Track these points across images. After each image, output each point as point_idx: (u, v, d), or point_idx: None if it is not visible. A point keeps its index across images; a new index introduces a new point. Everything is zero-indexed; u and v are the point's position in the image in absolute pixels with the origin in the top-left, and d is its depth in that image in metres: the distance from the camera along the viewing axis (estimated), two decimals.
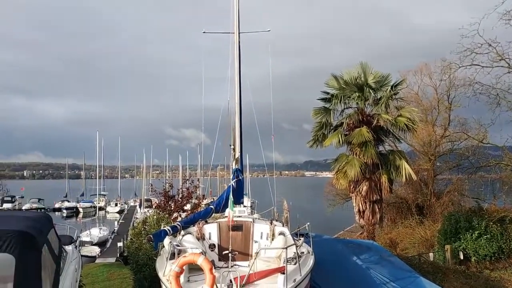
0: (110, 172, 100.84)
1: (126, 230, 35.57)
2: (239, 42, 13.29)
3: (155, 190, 21.97)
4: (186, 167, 77.65)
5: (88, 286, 11.73)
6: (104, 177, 72.68)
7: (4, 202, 52.53)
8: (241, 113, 12.64)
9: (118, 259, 22.35)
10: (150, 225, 12.72)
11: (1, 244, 4.54)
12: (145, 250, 10.99)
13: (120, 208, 63.07)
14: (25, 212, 8.20)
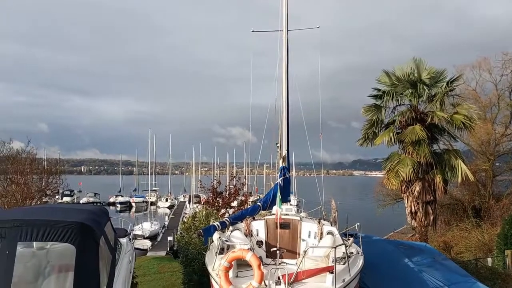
0: (161, 168, 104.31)
1: (176, 225, 36.69)
2: (288, 40, 13.24)
3: (203, 187, 22.48)
4: (233, 165, 78.78)
5: (140, 278, 12.20)
6: (155, 173, 75.19)
7: (64, 196, 55.79)
8: (288, 111, 12.60)
9: (168, 253, 23.13)
10: (199, 220, 13.01)
11: (64, 235, 4.81)
12: (195, 244, 11.24)
13: (170, 203, 65.08)
14: (84, 206, 8.66)
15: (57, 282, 5.10)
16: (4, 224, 4.64)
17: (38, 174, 17.64)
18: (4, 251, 4.49)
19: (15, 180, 15.89)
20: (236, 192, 20.20)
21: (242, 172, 67.77)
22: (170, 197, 70.70)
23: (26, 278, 5.04)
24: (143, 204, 64.40)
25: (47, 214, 5.54)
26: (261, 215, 10.85)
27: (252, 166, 70.21)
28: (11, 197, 15.44)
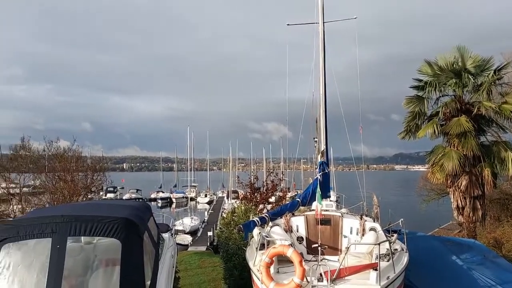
0: (199, 164, 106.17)
1: (215, 220, 37.17)
2: (324, 32, 12.99)
3: (241, 182, 22.57)
4: (269, 160, 78.85)
5: (182, 272, 12.44)
6: (194, 170, 76.56)
7: (107, 192, 57.92)
8: (326, 105, 12.38)
9: (209, 248, 23.44)
10: (238, 215, 13.07)
11: (110, 230, 4.94)
12: (235, 239, 11.30)
13: (209, 199, 66.01)
14: (128, 201, 8.89)
15: (104, 275, 5.25)
16: (55, 219, 4.82)
17: (83, 172, 18.35)
18: (55, 245, 4.67)
19: (62, 177, 16.60)
20: (274, 188, 20.13)
21: (279, 167, 67.65)
22: (209, 192, 71.70)
23: (75, 271, 5.22)
24: (183, 199, 65.76)
25: (94, 210, 5.72)
26: (300, 211, 10.76)
27: (289, 162, 70.02)
28: (59, 194, 16.15)
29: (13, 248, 4.83)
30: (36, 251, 4.93)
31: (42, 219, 4.93)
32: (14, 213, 16.05)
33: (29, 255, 4.92)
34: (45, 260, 4.68)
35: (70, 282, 4.97)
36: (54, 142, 18.52)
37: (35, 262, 4.88)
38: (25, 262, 4.88)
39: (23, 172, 17.50)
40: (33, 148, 18.48)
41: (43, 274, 4.64)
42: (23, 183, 17.67)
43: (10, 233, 4.79)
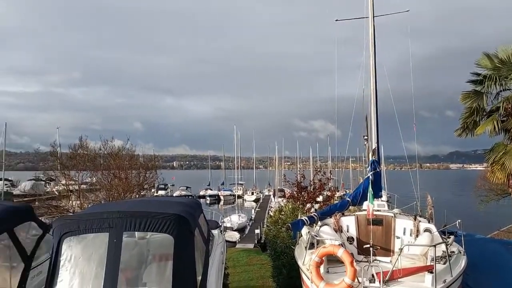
0: (245, 163, 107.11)
1: (262, 218, 37.29)
2: (374, 26, 12.62)
3: (287, 181, 22.44)
4: (316, 159, 77.94)
5: (230, 269, 12.57)
6: (240, 168, 77.36)
7: (159, 189, 59.93)
8: (377, 101, 12.02)
9: (256, 246, 23.55)
10: (286, 214, 13.02)
11: (162, 226, 5.07)
12: (283, 238, 11.26)
13: (256, 196, 66.31)
14: (179, 198, 9.12)
15: (157, 269, 5.42)
16: (112, 215, 5.02)
17: (136, 170, 19.07)
18: (112, 240, 4.87)
19: (117, 175, 17.35)
20: (322, 187, 19.85)
21: (326, 166, 66.75)
22: (256, 190, 72.14)
23: (131, 265, 5.43)
24: (230, 197, 66.65)
25: (148, 207, 5.91)
26: (350, 210, 10.54)
27: (336, 160, 68.92)
28: (114, 191, 16.90)
29: (74, 241, 5.09)
30: (95, 245, 5.17)
31: (100, 215, 5.16)
32: (73, 208, 16.97)
33: (88, 248, 5.17)
34: (103, 253, 4.89)
35: (126, 275, 5.16)
36: (109, 141, 19.44)
37: (94, 254, 5.12)
38: (85, 255, 5.13)
39: (81, 170, 18.46)
40: (90, 147, 19.49)
41: (101, 266, 4.85)
42: (81, 180, 18.65)
43: (71, 227, 5.05)
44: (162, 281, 5.17)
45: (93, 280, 4.91)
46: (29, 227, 6.62)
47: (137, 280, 5.29)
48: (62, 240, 5.01)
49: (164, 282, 5.11)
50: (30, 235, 6.58)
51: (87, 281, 4.94)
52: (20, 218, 6.33)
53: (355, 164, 66.83)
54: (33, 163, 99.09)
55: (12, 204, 8.01)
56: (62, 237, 5.01)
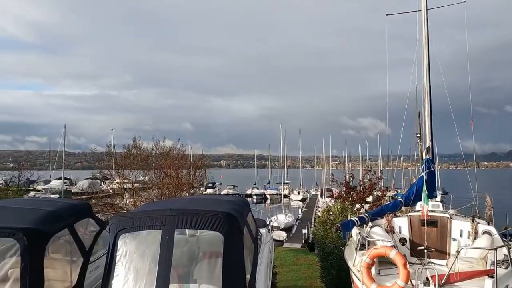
0: (291, 162, 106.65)
1: (309, 218, 36.98)
2: (427, 19, 12.10)
3: (335, 180, 22.06)
4: (365, 158, 76.15)
5: (278, 268, 12.53)
6: (286, 167, 77.11)
7: (207, 187, 61.13)
8: (430, 97, 11.52)
9: (304, 245, 23.37)
10: (334, 214, 12.80)
11: (212, 223, 5.14)
12: (331, 238, 11.09)
13: (302, 196, 65.86)
14: (228, 197, 9.23)
15: (208, 267, 5.50)
16: (164, 213, 5.16)
17: (186, 169, 19.57)
18: (165, 237, 5.00)
19: (169, 173, 17.90)
20: (372, 187, 19.32)
21: (376, 165, 65.03)
22: (302, 190, 71.66)
23: (182, 261, 5.55)
24: (277, 196, 66.59)
25: (198, 205, 6.02)
26: (402, 211, 10.19)
27: (387, 159, 66.86)
28: (165, 189, 17.44)
29: (129, 237, 5.28)
30: (148, 241, 5.33)
31: (153, 212, 5.32)
32: (126, 206, 17.71)
33: (142, 244, 5.35)
34: (156, 250, 5.03)
35: (177, 272, 5.29)
36: (161, 141, 20.11)
37: (147, 251, 5.29)
38: (139, 251, 5.31)
39: (135, 169, 19.22)
40: (143, 147, 20.26)
41: (154, 262, 5.00)
42: (134, 179, 19.44)
43: (126, 224, 5.25)
44: (212, 278, 5.24)
45: (147, 276, 5.07)
46: (87, 223, 6.95)
47: (188, 276, 5.40)
48: (118, 237, 5.21)
49: (214, 279, 5.17)
50: (88, 231, 6.91)
51: (141, 276, 5.11)
52: (79, 215, 6.66)
53: (406, 163, 64.58)
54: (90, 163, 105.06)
55: (72, 201, 8.46)
56: (118, 234, 5.21)
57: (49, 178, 57.24)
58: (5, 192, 19.47)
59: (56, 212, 5.95)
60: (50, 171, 62.21)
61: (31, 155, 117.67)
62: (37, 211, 5.81)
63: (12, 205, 6.59)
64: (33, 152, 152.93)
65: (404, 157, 63.23)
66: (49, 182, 55.23)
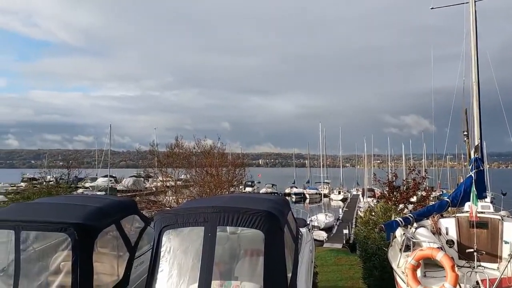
0: (331, 161, 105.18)
1: (350, 218, 36.40)
2: (476, 12, 11.56)
3: (378, 180, 21.53)
4: (409, 157, 73.81)
5: (318, 268, 12.44)
6: (326, 166, 76.15)
7: (246, 186, 61.61)
8: (479, 93, 10.98)
9: (345, 246, 23.03)
10: (377, 215, 12.50)
11: (253, 221, 5.16)
12: (374, 239, 10.85)
13: (343, 196, 64.88)
14: (268, 195, 9.23)
15: (249, 264, 5.53)
16: (207, 210, 5.24)
17: (226, 167, 19.79)
18: (207, 233, 5.08)
19: (209, 172, 18.17)
20: (416, 187, 18.69)
21: (420, 164, 62.86)
22: (343, 190, 70.55)
23: (223, 258, 5.62)
24: (316, 196, 65.99)
25: (239, 203, 6.06)
26: (449, 212, 9.80)
27: (431, 158, 64.47)
28: (206, 187, 17.72)
29: (172, 234, 5.41)
30: (191, 238, 5.44)
31: (196, 209, 5.41)
32: (169, 203, 18.14)
33: (185, 241, 5.46)
34: (199, 247, 5.12)
35: (219, 268, 5.36)
36: (202, 140, 20.49)
37: (190, 247, 5.39)
38: (182, 247, 5.43)
39: (177, 167, 19.67)
40: (185, 146, 20.70)
41: (197, 259, 5.08)
42: (176, 177, 19.89)
43: (170, 221, 5.38)
44: (253, 276, 5.27)
45: (190, 272, 5.17)
46: (133, 219, 7.18)
47: (229, 273, 5.46)
48: (162, 233, 5.34)
49: (256, 277, 5.20)
50: (134, 227, 7.13)
51: (184, 272, 5.22)
52: (126, 211, 6.89)
53: (453, 162, 61.98)
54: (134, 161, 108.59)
55: (118, 198, 8.78)
56: (162, 230, 5.35)
57: (96, 176, 59.69)
58: (56, 189, 20.52)
59: (104, 209, 6.20)
60: (97, 169, 64.92)
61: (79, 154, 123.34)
62: (86, 207, 6.07)
63: (63, 201, 6.93)
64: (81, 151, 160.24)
65: (450, 156, 60.75)
66: (96, 179, 57.64)
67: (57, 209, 6.08)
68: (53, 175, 27.03)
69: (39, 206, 6.45)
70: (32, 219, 5.48)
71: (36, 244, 5.66)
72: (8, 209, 6.73)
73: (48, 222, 5.39)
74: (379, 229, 8.64)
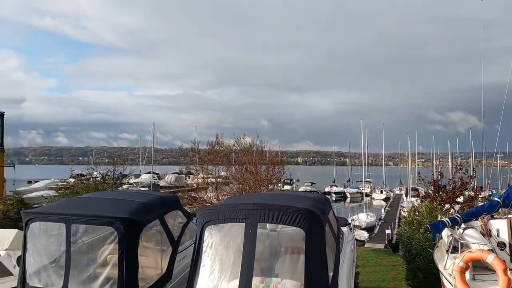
0: (373, 159, 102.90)
1: (393, 218, 35.53)
2: None
3: (422, 179, 20.85)
4: (455, 155, 70.79)
5: (360, 268, 12.23)
6: (368, 164, 74.58)
7: (284, 184, 61.52)
8: None
9: (387, 246, 22.54)
10: (422, 215, 12.09)
11: (294, 219, 5.13)
12: (418, 239, 10.52)
13: (385, 195, 63.40)
14: (309, 193, 9.17)
15: (290, 262, 5.51)
16: (248, 207, 5.27)
17: (265, 164, 19.86)
18: (248, 230, 5.10)
19: (249, 169, 18.31)
20: (463, 186, 17.92)
21: (467, 163, 60.08)
22: (385, 189, 68.84)
23: (264, 255, 5.63)
24: (357, 195, 64.85)
25: (280, 200, 6.05)
26: (500, 213, 9.29)
27: (480, 156, 61.46)
28: (246, 184, 17.87)
29: (214, 229, 5.48)
30: (232, 234, 5.48)
31: (237, 206, 5.45)
32: (210, 199, 18.46)
33: (226, 236, 5.51)
34: (240, 243, 5.15)
35: (260, 265, 5.37)
36: (242, 138, 20.68)
37: (232, 243, 5.44)
38: (223, 243, 5.48)
39: (217, 165, 19.97)
40: (225, 143, 20.98)
41: (238, 255, 5.12)
42: (217, 174, 20.20)
43: (212, 217, 5.45)
44: (294, 274, 5.24)
45: (232, 268, 5.22)
46: (176, 215, 7.34)
47: (270, 270, 5.46)
48: (204, 228, 5.42)
49: (296, 275, 5.17)
50: (177, 222, 7.29)
51: (226, 267, 5.28)
52: (169, 207, 7.06)
53: (504, 161, 58.91)
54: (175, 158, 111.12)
55: (162, 194, 9.02)
56: (204, 225, 5.42)
57: (139, 172, 61.76)
58: (103, 184, 21.42)
59: (148, 204, 6.38)
60: (140, 166, 67.11)
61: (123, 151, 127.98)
62: (132, 202, 6.28)
63: (110, 197, 7.21)
64: (125, 148, 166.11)
65: (501, 154, 57.74)
66: (139, 176, 59.63)
67: (105, 204, 6.32)
68: (100, 171, 28.22)
69: (88, 201, 6.74)
70: (81, 213, 5.73)
71: (85, 237, 5.91)
72: (59, 203, 7.10)
73: (97, 216, 5.62)
74: (425, 230, 8.34)
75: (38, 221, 5.73)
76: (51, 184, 43.21)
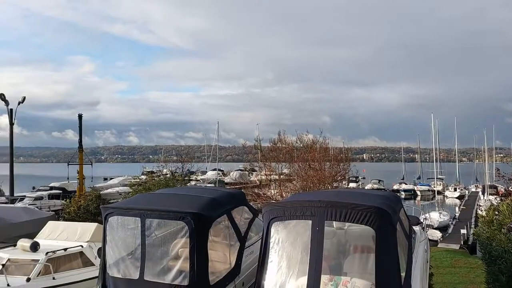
0: (445, 155, 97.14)
1: (468, 217, 33.40)
2: None
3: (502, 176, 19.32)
4: None
5: (433, 269, 11.62)
6: (439, 161, 70.50)
7: (350, 181, 60.02)
8: None
9: (462, 247, 21.19)
10: (503, 214, 11.17)
11: (363, 217, 4.99)
12: (499, 240, 9.72)
13: (459, 193, 59.68)
14: (379, 191, 8.87)
15: (359, 261, 5.38)
16: (314, 204, 5.21)
17: (329, 161, 19.53)
18: (315, 227, 5.05)
19: (313, 166, 18.10)
20: None
21: None
22: (459, 186, 64.67)
23: (331, 253, 5.55)
24: (429, 192, 61.62)
25: (347, 198, 5.91)
26: None
27: None
28: (309, 181, 17.69)
29: (280, 226, 5.49)
30: (298, 231, 5.46)
31: (303, 203, 5.41)
32: (274, 196, 18.54)
33: (292, 233, 5.50)
34: (307, 240, 5.11)
35: (328, 262, 5.30)
36: (304, 135, 20.51)
37: (299, 240, 5.41)
38: (290, 239, 5.47)
39: (280, 161, 20.01)
40: (287, 140, 20.95)
41: (306, 252, 5.09)
42: (280, 171, 20.23)
43: (278, 213, 5.47)
44: (364, 273, 5.11)
45: (299, 264, 5.20)
46: (242, 210, 7.47)
47: (338, 269, 5.37)
48: (271, 224, 5.45)
49: (367, 275, 5.03)
50: (243, 218, 7.41)
51: (293, 264, 5.27)
52: (236, 203, 7.19)
53: None
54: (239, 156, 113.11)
55: (229, 190, 9.23)
56: (270, 222, 5.46)
57: (205, 169, 63.75)
58: (173, 181, 22.40)
59: (216, 199, 6.55)
60: (206, 163, 69.36)
61: (190, 149, 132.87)
62: (201, 198, 6.49)
63: (180, 192, 7.53)
64: (192, 146, 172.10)
65: None
66: (206, 173, 61.59)
67: (176, 199, 6.61)
68: (169, 168, 29.53)
69: (161, 197, 7.10)
70: (155, 208, 6.03)
71: (158, 231, 6.22)
72: (135, 199, 7.55)
73: (169, 211, 5.88)
74: (508, 230, 7.72)
75: (116, 215, 6.12)
76: (125, 181, 46.16)
